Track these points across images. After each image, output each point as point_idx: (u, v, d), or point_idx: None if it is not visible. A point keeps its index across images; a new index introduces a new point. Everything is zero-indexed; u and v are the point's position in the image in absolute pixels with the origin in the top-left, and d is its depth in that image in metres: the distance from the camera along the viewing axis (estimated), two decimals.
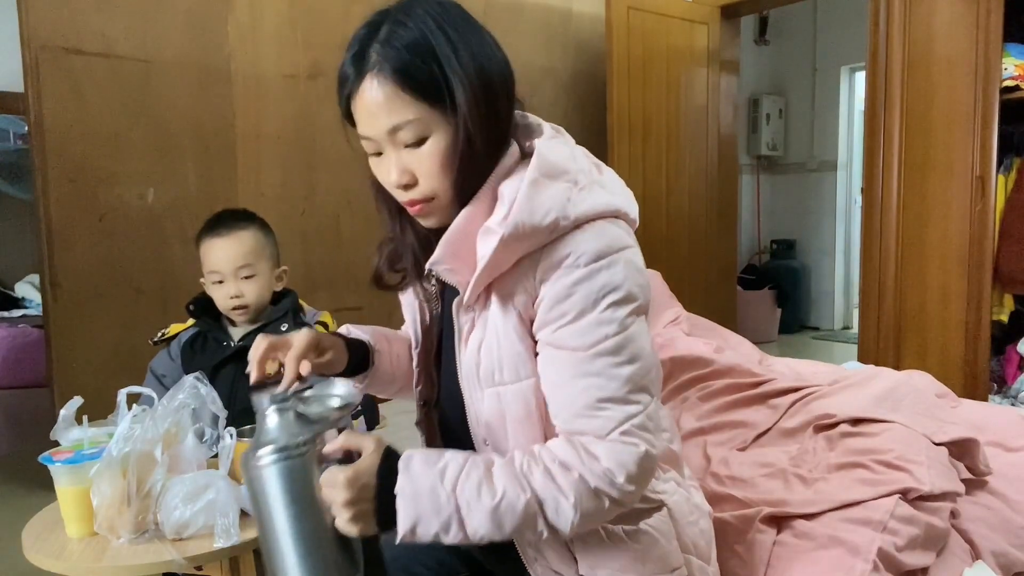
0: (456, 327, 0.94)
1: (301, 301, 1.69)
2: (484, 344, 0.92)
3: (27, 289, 4.00)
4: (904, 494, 1.19)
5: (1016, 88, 2.88)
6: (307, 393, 0.91)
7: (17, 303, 4.00)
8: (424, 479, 0.83)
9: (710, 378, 1.82)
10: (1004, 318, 3.06)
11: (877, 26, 3.17)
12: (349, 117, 0.91)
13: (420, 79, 0.84)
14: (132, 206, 2.75)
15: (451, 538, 0.84)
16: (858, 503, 1.18)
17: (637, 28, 4.00)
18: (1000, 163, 2.97)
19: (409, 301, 1.07)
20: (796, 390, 1.71)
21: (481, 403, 0.94)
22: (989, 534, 1.28)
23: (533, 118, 0.97)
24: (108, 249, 2.69)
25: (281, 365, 0.91)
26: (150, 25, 2.76)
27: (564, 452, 0.87)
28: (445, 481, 0.83)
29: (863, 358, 3.20)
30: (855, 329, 4.80)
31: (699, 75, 4.39)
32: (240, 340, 1.57)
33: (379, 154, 0.91)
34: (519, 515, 0.84)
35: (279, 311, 1.61)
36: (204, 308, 1.61)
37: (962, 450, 1.38)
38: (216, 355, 1.56)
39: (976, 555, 1.25)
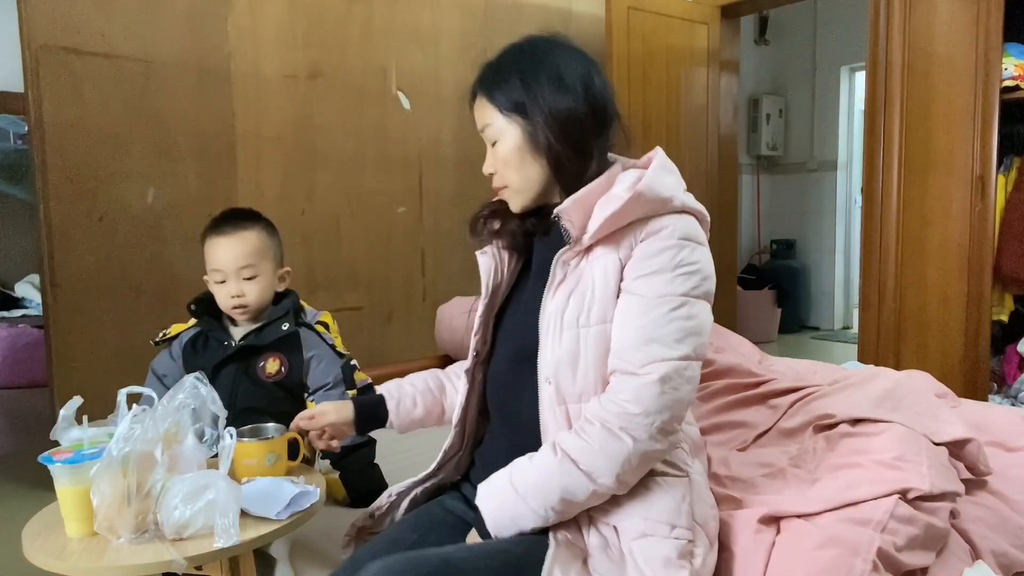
0: (551, 275, 1.11)
1: (302, 302, 1.69)
2: (576, 291, 1.08)
3: (27, 289, 4.01)
4: (904, 494, 1.19)
5: (1016, 88, 2.88)
6: None
7: (17, 303, 4.01)
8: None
9: (710, 378, 1.82)
10: (1004, 318, 3.06)
11: (877, 26, 3.17)
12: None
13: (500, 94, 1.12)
14: (132, 206, 2.75)
15: (534, 524, 1.05)
16: (858, 503, 1.18)
17: (637, 28, 4.00)
18: (1000, 163, 2.97)
19: (486, 262, 1.24)
20: (796, 390, 1.71)
21: (558, 344, 1.08)
22: (989, 534, 1.28)
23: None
24: (108, 249, 2.69)
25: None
26: (150, 25, 2.76)
27: (593, 409, 1.04)
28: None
29: (863, 358, 3.20)
30: (855, 329, 4.80)
31: (699, 75, 4.39)
32: (241, 340, 1.57)
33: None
34: (562, 479, 1.02)
35: (280, 311, 1.61)
36: (206, 307, 1.61)
37: (962, 450, 1.38)
38: (217, 355, 1.56)
39: (976, 555, 1.24)
